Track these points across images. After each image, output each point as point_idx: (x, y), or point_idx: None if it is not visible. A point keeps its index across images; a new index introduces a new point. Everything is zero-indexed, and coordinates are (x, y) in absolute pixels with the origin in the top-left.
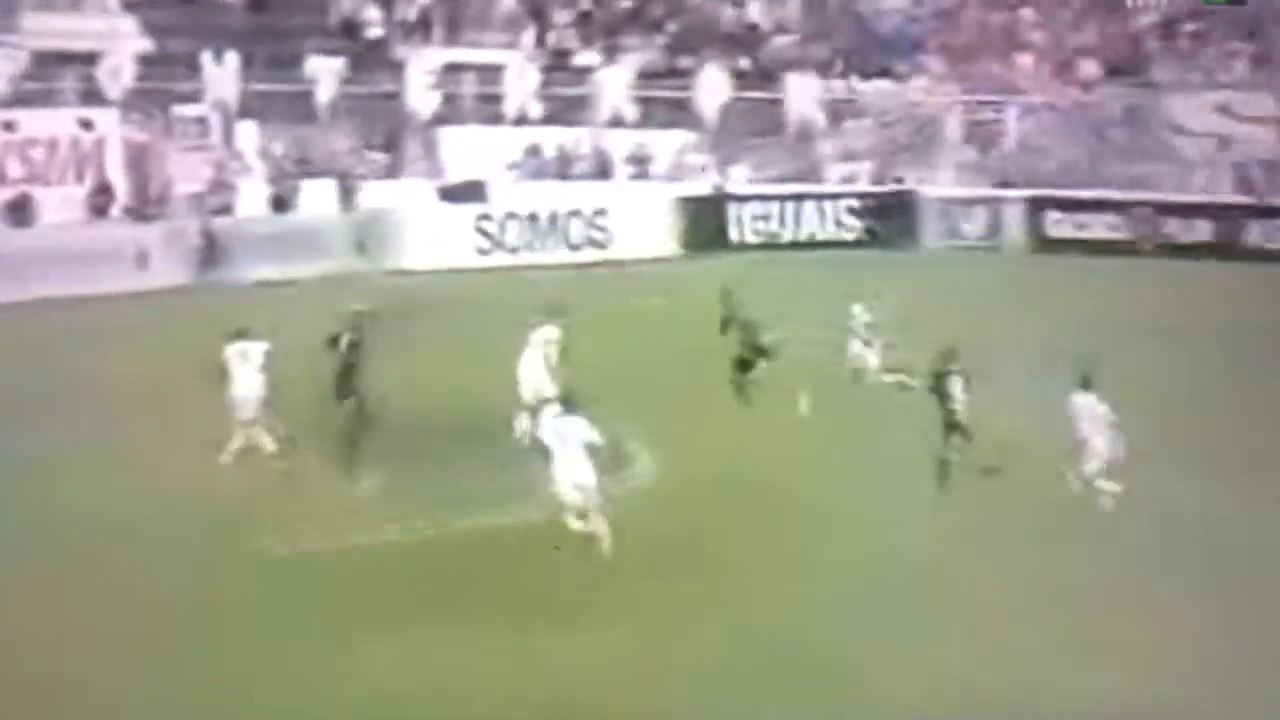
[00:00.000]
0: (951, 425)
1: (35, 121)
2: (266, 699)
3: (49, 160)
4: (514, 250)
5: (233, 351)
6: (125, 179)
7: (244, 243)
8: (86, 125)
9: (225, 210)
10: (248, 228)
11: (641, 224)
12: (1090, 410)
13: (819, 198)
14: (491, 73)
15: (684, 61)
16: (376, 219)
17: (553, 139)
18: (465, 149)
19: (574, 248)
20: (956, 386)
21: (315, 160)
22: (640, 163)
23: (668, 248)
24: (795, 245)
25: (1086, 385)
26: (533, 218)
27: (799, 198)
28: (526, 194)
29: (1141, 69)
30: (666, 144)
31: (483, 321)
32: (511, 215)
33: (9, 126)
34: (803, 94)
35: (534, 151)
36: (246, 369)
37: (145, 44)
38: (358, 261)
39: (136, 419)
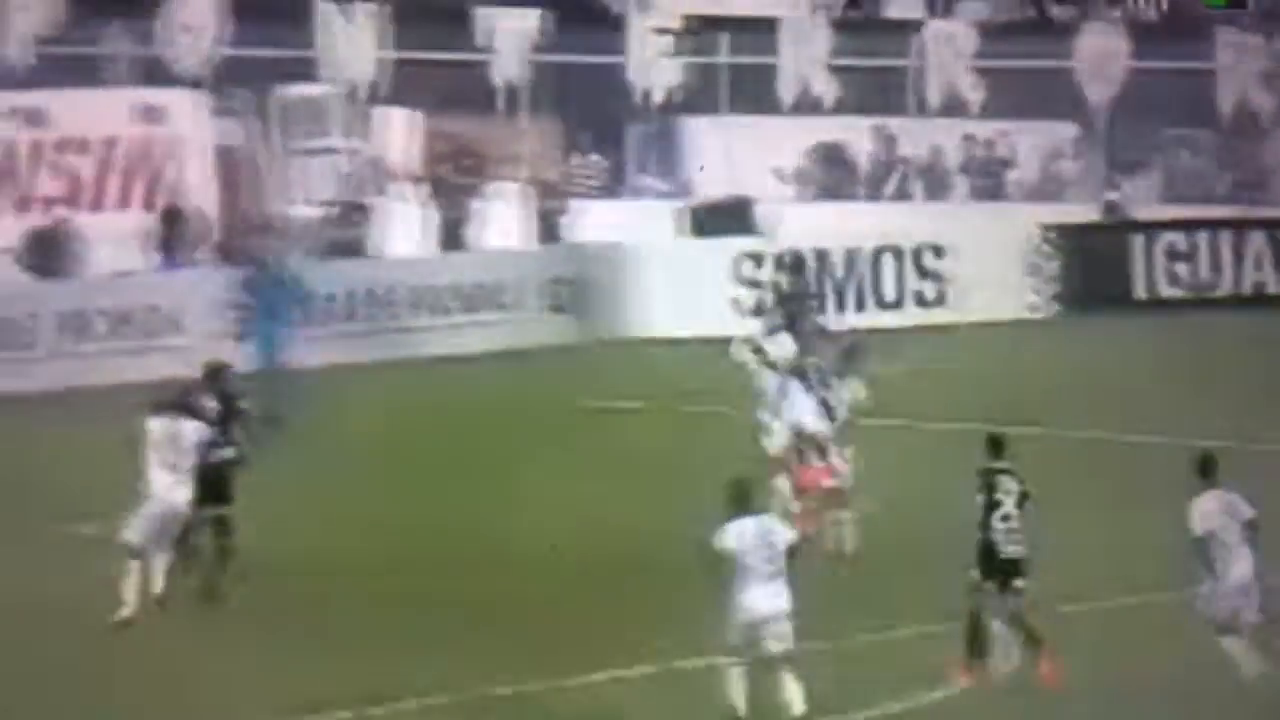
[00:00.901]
0: None
1: (75, 110)
2: None
3: (100, 171)
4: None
5: None
6: (213, 199)
7: (389, 294)
8: (155, 116)
9: (356, 246)
10: (392, 273)
11: (993, 266)
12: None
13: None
14: (757, 31)
15: (1055, 10)
16: (587, 259)
17: (853, 136)
18: (720, 151)
19: (889, 305)
20: None
21: (493, 168)
22: (989, 172)
23: (1033, 304)
24: (1238, 301)
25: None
26: (822, 257)
27: (1240, 224)
28: (814, 221)
29: None
30: (1030, 142)
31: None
32: (794, 254)
33: (34, 119)
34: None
35: (825, 154)
36: None
37: None
38: (557, 326)
39: None
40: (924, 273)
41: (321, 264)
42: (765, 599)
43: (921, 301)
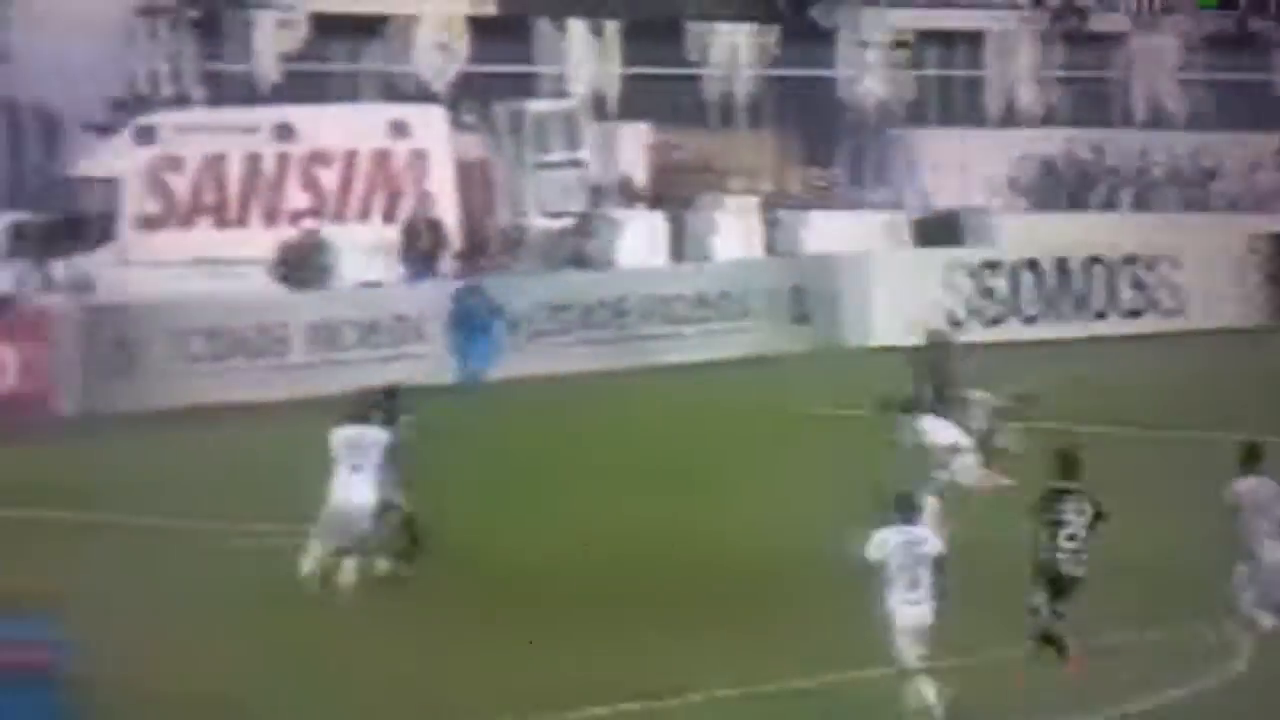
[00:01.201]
0: None
1: (323, 126)
2: None
3: (345, 185)
4: (1030, 319)
5: None
6: (458, 212)
7: (622, 303)
8: (399, 130)
9: (602, 258)
10: (625, 283)
11: (1202, 276)
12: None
13: None
14: (969, 44)
15: (1256, 24)
16: (822, 269)
17: (1062, 147)
18: (950, 160)
19: (1099, 315)
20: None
21: (722, 180)
22: (1194, 183)
23: (1242, 313)
24: None
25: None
26: (1034, 266)
27: None
28: (1027, 232)
29: None
30: (1233, 153)
31: None
32: (1022, 264)
33: (284, 133)
34: None
35: (1039, 165)
36: None
37: (481, 6)
38: (793, 334)
39: None
40: (1133, 282)
41: (559, 274)
42: (906, 607)
43: (1130, 311)
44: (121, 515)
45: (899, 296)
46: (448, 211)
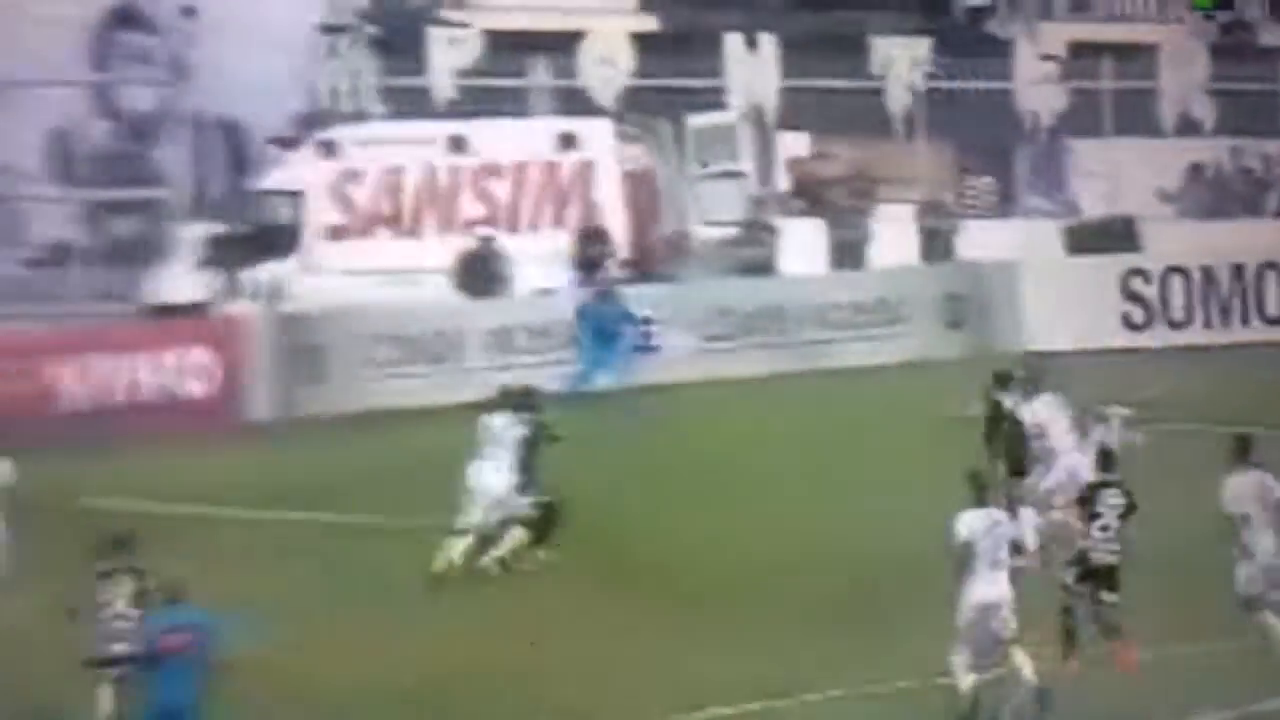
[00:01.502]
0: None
1: (495, 139)
2: None
3: (517, 195)
4: (1180, 324)
5: None
6: (625, 221)
7: (785, 310)
8: (568, 142)
9: (764, 266)
10: (789, 290)
11: None
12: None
13: None
14: (1140, 56)
15: None
16: (979, 277)
17: (1230, 155)
18: (1103, 170)
19: (1273, 320)
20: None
21: (890, 190)
22: None
23: None
24: None
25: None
26: (1207, 274)
27: None
28: (1197, 238)
29: None
30: None
31: None
32: (1176, 270)
33: (458, 146)
34: None
35: (1202, 173)
36: None
37: (645, 21)
38: (952, 339)
39: None
40: None
41: (722, 281)
42: (989, 585)
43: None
44: (309, 513)
45: (1064, 302)
46: (615, 220)
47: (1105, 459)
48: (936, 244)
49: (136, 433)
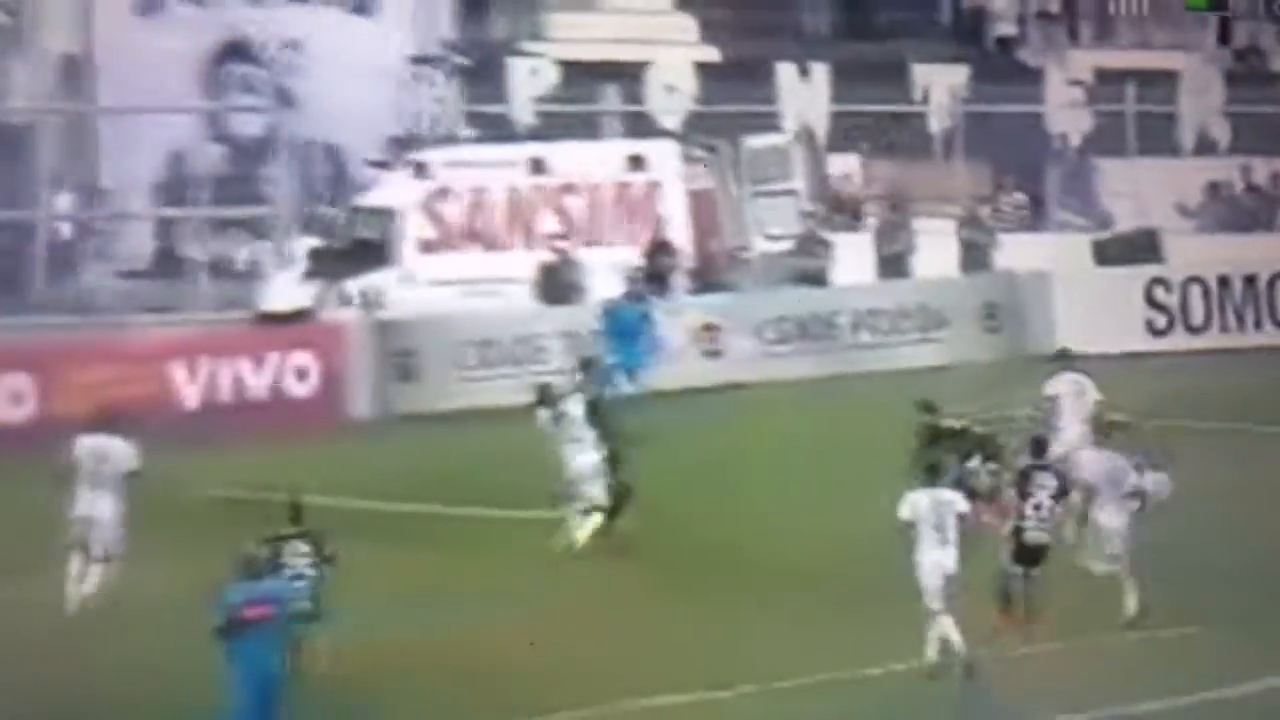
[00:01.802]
0: None
1: (572, 160)
2: None
3: (592, 212)
4: (1198, 329)
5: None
6: (689, 235)
7: (835, 316)
8: (636, 163)
9: (818, 276)
10: (839, 298)
11: None
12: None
13: None
14: (1161, 81)
15: None
16: (1014, 285)
17: (1240, 173)
18: (1127, 188)
19: None
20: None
21: (931, 206)
22: None
23: None
24: None
25: None
26: (1223, 283)
27: None
28: (1214, 250)
29: None
30: None
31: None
32: (1195, 280)
33: (538, 167)
34: None
35: (1218, 191)
36: None
37: (707, 52)
38: (989, 343)
39: None
40: None
41: (781, 290)
42: (941, 556)
43: None
44: (405, 504)
45: (1079, 309)
46: (680, 235)
47: (1037, 445)
48: (974, 255)
49: (246, 430)
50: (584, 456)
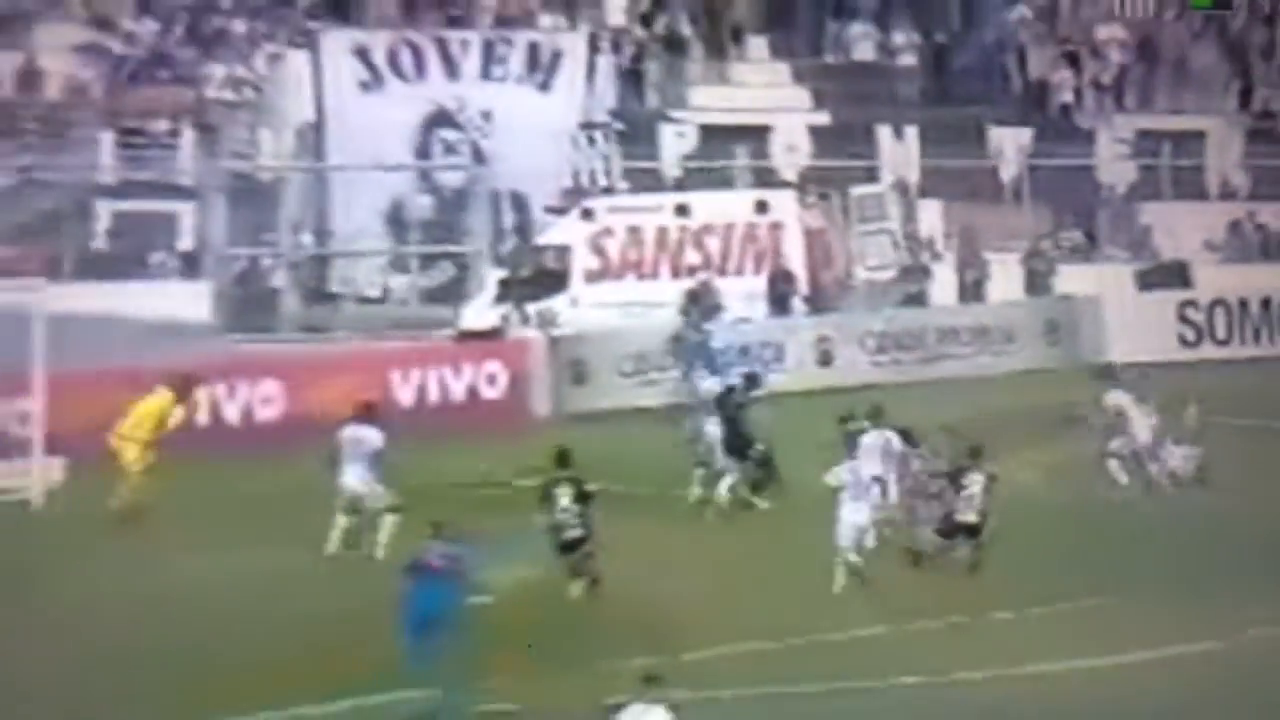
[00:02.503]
0: None
1: (709, 206)
2: None
3: (725, 248)
4: (1223, 342)
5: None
6: (805, 266)
7: (924, 332)
8: (762, 208)
9: (915, 299)
10: (927, 317)
11: None
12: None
13: None
14: (1191, 140)
15: None
16: (1071, 307)
17: (1261, 215)
18: (1164, 226)
19: None
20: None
21: (1002, 241)
22: None
23: None
24: None
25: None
26: (1243, 305)
27: None
28: (1233, 278)
29: None
30: None
31: None
32: (1218, 302)
33: (682, 212)
34: None
35: (1239, 229)
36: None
37: (819, 117)
38: (1050, 354)
39: None
40: None
41: (878, 312)
42: (856, 514)
43: None
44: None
45: (1124, 327)
46: (798, 266)
47: (973, 451)
48: (1038, 282)
49: (449, 426)
50: (715, 431)
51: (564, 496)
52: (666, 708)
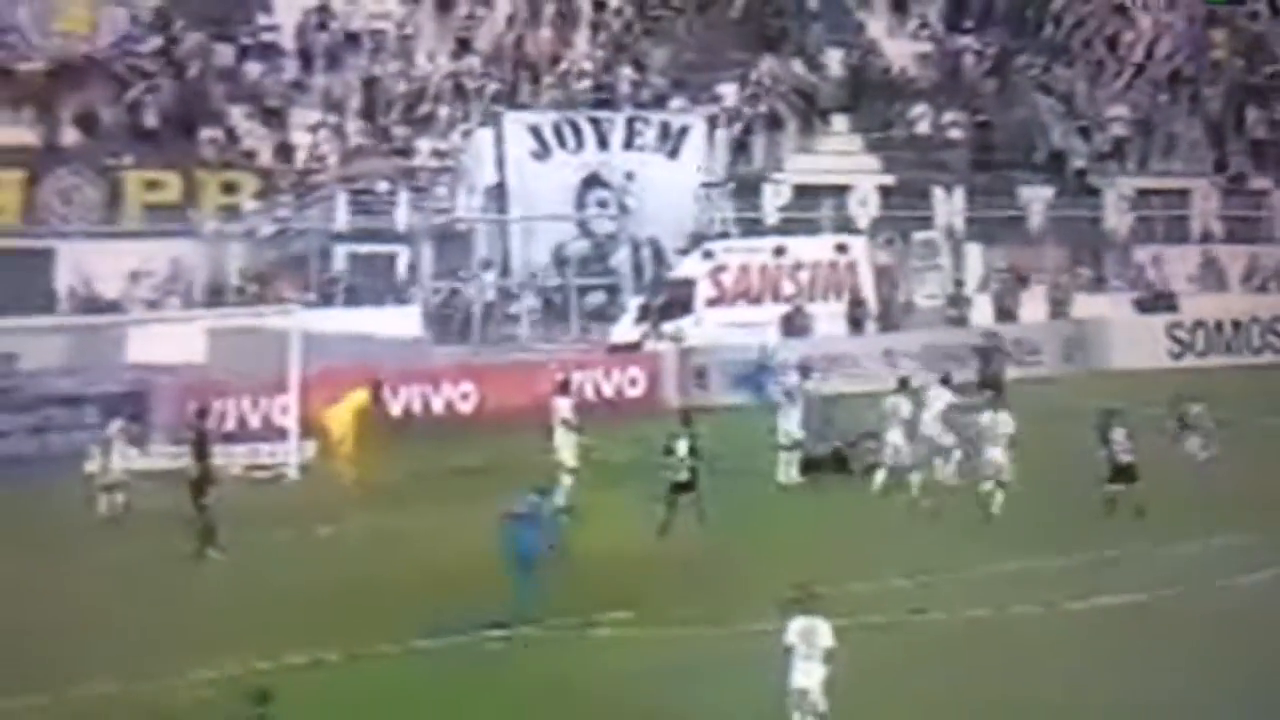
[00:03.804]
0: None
1: (801, 247)
2: None
3: (813, 280)
4: (1202, 354)
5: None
6: (875, 295)
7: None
8: (841, 249)
9: (960, 321)
10: (972, 338)
11: None
12: None
13: None
14: (1178, 196)
15: None
16: (1083, 327)
17: (1230, 254)
18: (1156, 264)
19: (1256, 351)
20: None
21: (1030, 276)
22: None
23: None
24: None
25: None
26: (1218, 325)
27: None
28: (1210, 304)
29: None
30: None
31: None
32: (1199, 323)
33: (780, 252)
34: None
35: (1214, 265)
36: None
37: (886, 179)
38: (1065, 365)
39: None
40: (1276, 334)
41: (934, 329)
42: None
43: (1274, 350)
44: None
45: (1126, 342)
46: (869, 295)
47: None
48: (1059, 307)
49: (602, 415)
50: (792, 422)
51: (681, 448)
52: (824, 619)
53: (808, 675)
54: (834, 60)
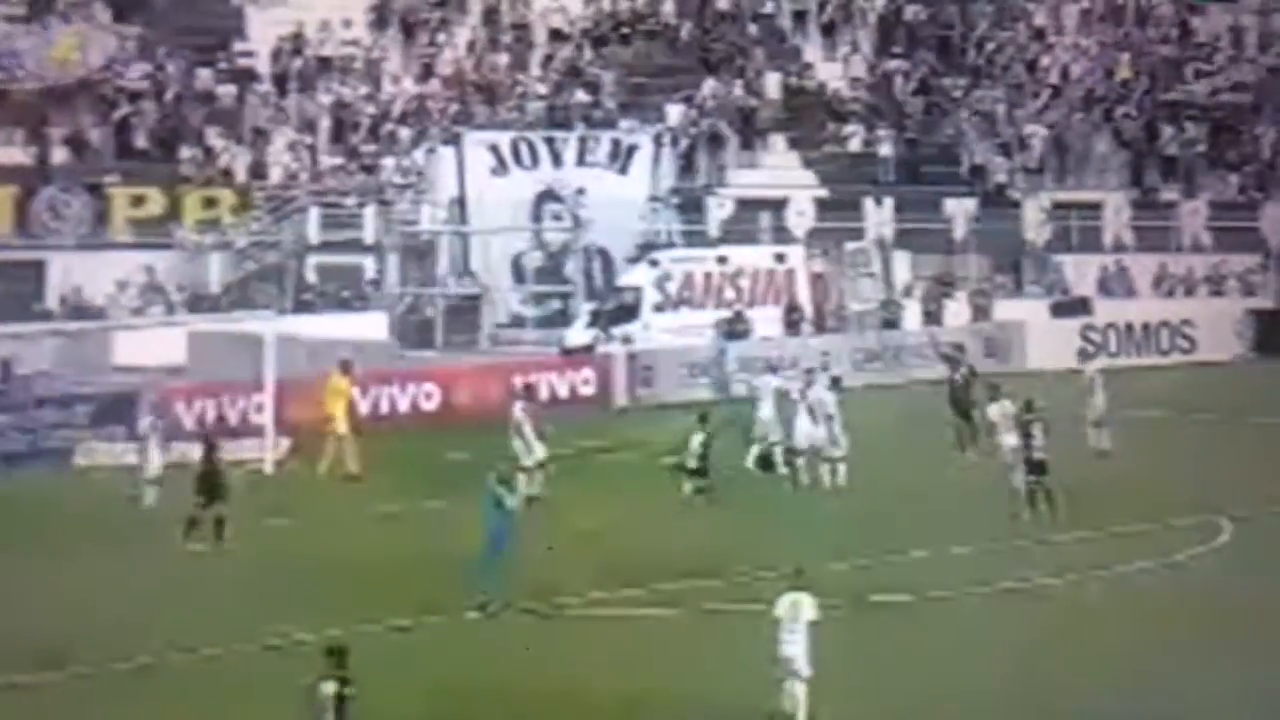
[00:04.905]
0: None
1: (742, 256)
2: None
3: (753, 287)
4: (1114, 355)
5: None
6: (810, 300)
7: (900, 348)
8: (780, 258)
9: (891, 324)
10: (902, 339)
11: (1218, 333)
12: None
13: None
14: (1092, 209)
15: (1254, 196)
16: (1004, 329)
17: (1142, 263)
18: (1072, 272)
19: (1164, 352)
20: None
21: (955, 282)
22: (1216, 281)
23: (1239, 352)
24: None
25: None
26: (1129, 328)
27: None
28: (1121, 309)
29: None
30: (1237, 266)
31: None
32: (1111, 326)
33: (722, 261)
34: None
35: (1126, 272)
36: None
37: (821, 192)
38: (989, 363)
39: None
40: (1182, 336)
41: (865, 334)
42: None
43: (1180, 350)
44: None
45: (1041, 344)
46: (805, 301)
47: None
48: (981, 311)
49: (557, 414)
50: (770, 414)
51: (695, 442)
52: (810, 595)
53: (793, 645)
54: (772, 83)
